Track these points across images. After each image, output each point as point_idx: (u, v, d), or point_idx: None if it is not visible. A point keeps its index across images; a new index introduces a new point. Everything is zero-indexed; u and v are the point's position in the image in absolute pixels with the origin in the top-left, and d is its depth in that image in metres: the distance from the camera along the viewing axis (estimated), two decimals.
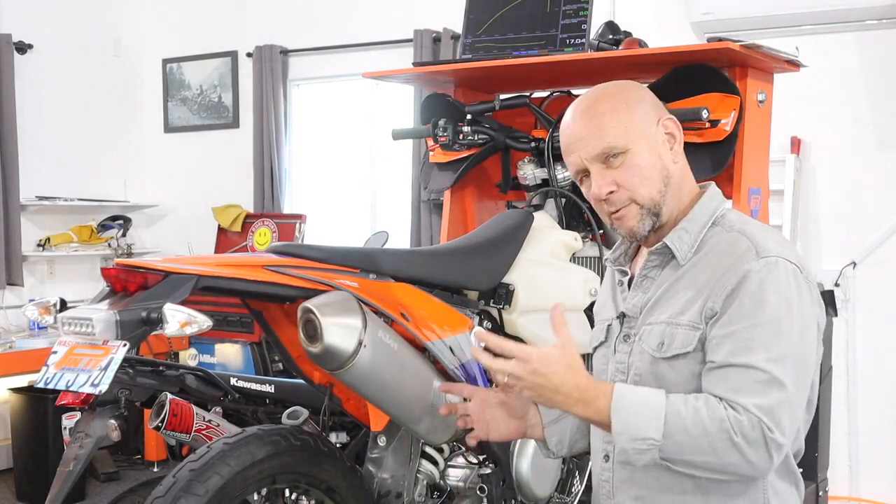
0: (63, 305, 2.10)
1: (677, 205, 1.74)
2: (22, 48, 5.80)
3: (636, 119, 1.71)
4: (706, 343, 1.63)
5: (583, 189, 1.79)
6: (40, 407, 4.80)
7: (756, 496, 1.67)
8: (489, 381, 2.56)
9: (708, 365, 1.62)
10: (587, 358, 1.99)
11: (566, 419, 1.87)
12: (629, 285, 1.82)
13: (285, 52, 6.17)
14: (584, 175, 1.76)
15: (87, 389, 1.91)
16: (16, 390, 4.97)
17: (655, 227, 1.74)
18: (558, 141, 3.00)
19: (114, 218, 6.17)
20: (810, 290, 1.64)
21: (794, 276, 1.61)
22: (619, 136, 1.70)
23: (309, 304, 2.15)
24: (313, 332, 2.15)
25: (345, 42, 5.94)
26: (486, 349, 1.68)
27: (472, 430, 1.91)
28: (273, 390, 2.69)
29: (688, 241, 1.71)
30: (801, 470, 1.77)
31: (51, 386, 1.96)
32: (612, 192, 1.72)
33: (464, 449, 2.59)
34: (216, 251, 6.05)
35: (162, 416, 2.40)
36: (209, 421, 2.50)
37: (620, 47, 3.07)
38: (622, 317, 1.81)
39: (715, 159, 2.90)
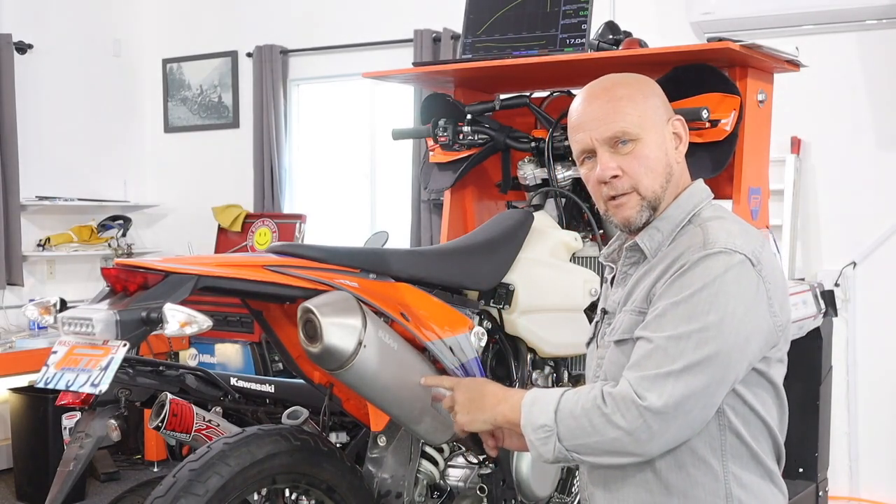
0: (63, 305, 2.09)
1: (669, 202, 1.76)
2: (22, 48, 5.80)
3: (650, 111, 1.73)
4: None
5: (582, 171, 1.79)
6: (40, 407, 4.80)
7: (716, 485, 1.68)
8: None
9: None
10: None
11: None
12: (612, 282, 1.86)
13: (285, 52, 6.17)
14: (588, 156, 1.76)
15: (87, 389, 1.91)
16: (16, 390, 4.97)
17: (650, 220, 1.75)
18: (558, 141, 3.05)
19: (114, 218, 6.17)
20: (759, 281, 1.63)
21: (737, 266, 1.61)
22: (634, 124, 1.71)
23: (309, 304, 2.15)
24: (313, 332, 2.15)
25: (345, 42, 5.94)
26: None
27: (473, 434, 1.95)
28: (273, 390, 2.69)
29: (658, 239, 1.74)
30: (800, 470, 1.78)
31: (51, 386, 1.96)
32: (615, 177, 1.72)
33: (464, 449, 2.59)
34: (216, 251, 6.05)
35: (162, 416, 2.40)
36: (209, 421, 2.50)
37: (620, 47, 3.07)
38: (604, 313, 1.85)
39: (715, 159, 2.90)
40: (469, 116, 3.21)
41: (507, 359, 2.70)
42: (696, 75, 2.91)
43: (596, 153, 1.74)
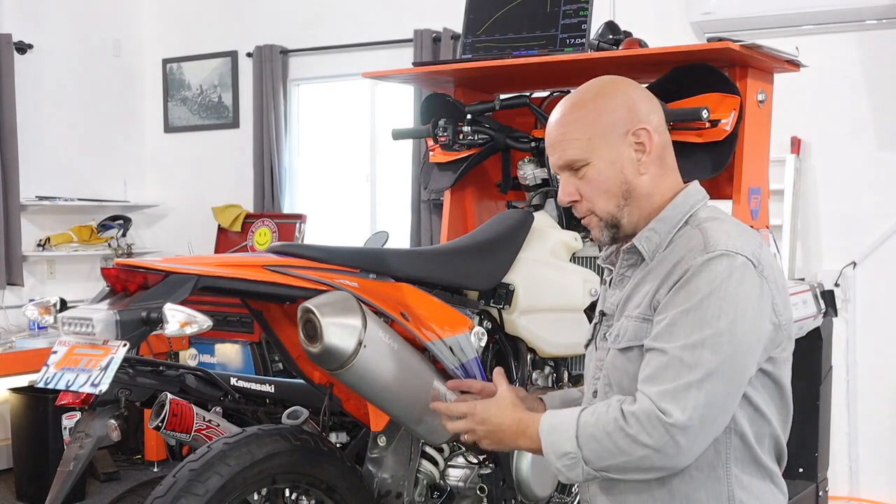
0: (63, 305, 2.09)
1: (644, 213, 1.75)
2: (22, 48, 5.80)
3: (604, 129, 1.72)
4: None
5: None
6: (40, 407, 4.80)
7: (719, 488, 1.68)
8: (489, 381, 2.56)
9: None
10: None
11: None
12: (610, 284, 1.86)
13: (285, 52, 6.17)
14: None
15: (87, 389, 1.91)
16: (16, 390, 4.97)
17: (617, 236, 1.78)
18: None
19: (114, 218, 6.17)
20: (762, 283, 1.64)
21: (740, 268, 1.61)
22: (582, 149, 1.72)
23: (309, 304, 2.15)
24: (313, 332, 2.15)
25: (345, 42, 5.94)
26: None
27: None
28: (273, 390, 2.69)
29: (655, 241, 1.74)
30: (800, 470, 1.78)
31: (51, 386, 1.96)
32: (574, 201, 1.76)
33: (464, 449, 2.59)
34: (216, 251, 6.05)
35: (162, 416, 2.40)
36: (209, 421, 2.50)
37: (620, 47, 3.08)
38: (602, 314, 1.85)
39: (715, 159, 2.90)
40: (469, 116, 3.21)
41: (507, 359, 2.71)
42: (696, 75, 2.91)
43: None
